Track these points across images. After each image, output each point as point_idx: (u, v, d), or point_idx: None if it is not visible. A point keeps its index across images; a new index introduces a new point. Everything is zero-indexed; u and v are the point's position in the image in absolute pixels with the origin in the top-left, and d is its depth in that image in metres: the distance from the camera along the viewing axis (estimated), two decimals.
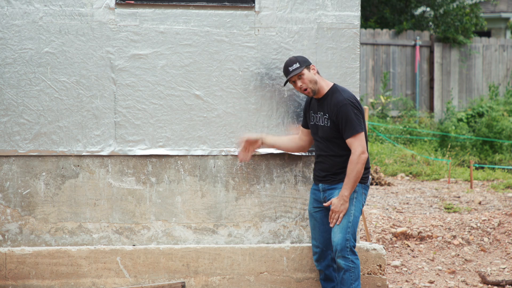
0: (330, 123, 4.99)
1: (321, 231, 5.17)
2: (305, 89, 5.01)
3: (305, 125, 5.25)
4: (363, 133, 4.97)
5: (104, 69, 5.28)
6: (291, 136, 5.33)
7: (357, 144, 4.93)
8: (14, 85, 5.23)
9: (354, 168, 4.91)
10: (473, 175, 10.89)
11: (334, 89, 5.03)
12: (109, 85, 5.29)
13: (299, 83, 5.01)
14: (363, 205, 5.06)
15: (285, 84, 5.11)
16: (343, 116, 4.93)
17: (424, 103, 16.28)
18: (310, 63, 5.04)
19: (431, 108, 16.24)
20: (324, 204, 5.06)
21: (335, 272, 5.17)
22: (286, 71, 5.01)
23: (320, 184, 5.12)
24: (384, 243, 7.03)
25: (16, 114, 5.24)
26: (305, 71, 5.00)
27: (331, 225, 4.99)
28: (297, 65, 4.98)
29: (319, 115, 5.06)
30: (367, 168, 5.04)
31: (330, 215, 4.98)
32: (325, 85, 5.06)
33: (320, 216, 5.15)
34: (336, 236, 4.95)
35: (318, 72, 5.08)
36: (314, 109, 5.11)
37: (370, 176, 5.12)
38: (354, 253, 4.96)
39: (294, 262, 5.39)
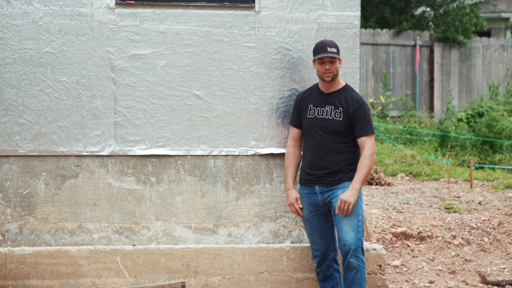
0: (344, 117, 5.02)
1: (320, 234, 5.15)
2: (329, 73, 5.01)
3: (297, 123, 5.21)
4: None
5: (104, 69, 5.28)
6: (291, 157, 5.23)
7: (371, 143, 4.99)
8: (14, 85, 5.23)
9: (367, 164, 4.95)
10: (473, 175, 10.89)
11: (349, 87, 5.13)
12: (109, 85, 5.29)
13: (328, 65, 5.01)
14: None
15: (314, 57, 5.05)
16: (362, 114, 5.01)
17: (424, 103, 16.28)
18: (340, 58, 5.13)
19: (431, 108, 16.24)
20: (336, 205, 4.98)
21: (335, 272, 5.17)
22: (323, 48, 5.01)
23: (316, 187, 5.09)
24: (384, 243, 7.02)
25: (16, 114, 5.24)
26: (338, 61, 5.05)
27: (341, 214, 4.93)
28: (335, 50, 5.02)
29: (327, 109, 5.07)
30: None
31: (339, 205, 4.92)
32: (340, 81, 5.14)
33: (318, 219, 5.13)
34: (349, 236, 4.93)
35: None
36: (316, 102, 5.10)
37: None
38: (363, 253, 4.99)
39: (294, 262, 5.38)
